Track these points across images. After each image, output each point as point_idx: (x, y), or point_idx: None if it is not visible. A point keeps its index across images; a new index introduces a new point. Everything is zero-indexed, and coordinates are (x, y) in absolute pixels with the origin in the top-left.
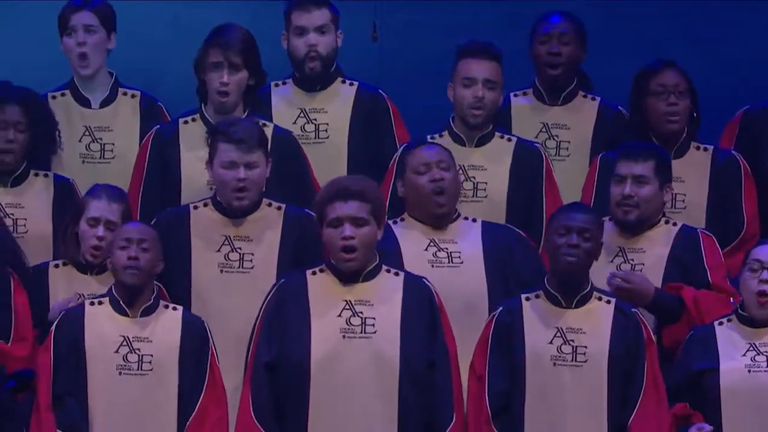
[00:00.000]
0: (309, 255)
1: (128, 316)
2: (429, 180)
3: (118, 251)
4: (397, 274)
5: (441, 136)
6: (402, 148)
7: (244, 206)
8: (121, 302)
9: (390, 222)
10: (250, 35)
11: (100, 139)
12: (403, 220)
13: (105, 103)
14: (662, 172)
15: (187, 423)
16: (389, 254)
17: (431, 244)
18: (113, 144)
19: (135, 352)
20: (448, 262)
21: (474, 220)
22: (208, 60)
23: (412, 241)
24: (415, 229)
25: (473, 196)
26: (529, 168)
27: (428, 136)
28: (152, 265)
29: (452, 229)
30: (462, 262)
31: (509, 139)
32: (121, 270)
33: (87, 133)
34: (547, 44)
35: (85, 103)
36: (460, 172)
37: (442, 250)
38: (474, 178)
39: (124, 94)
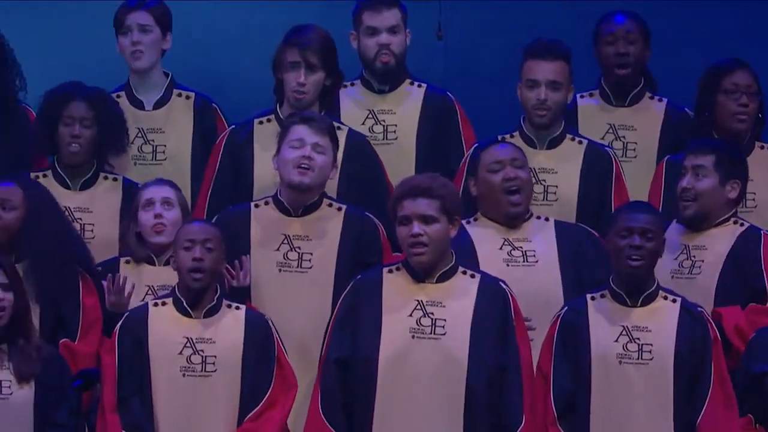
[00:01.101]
0: (367, 256)
1: (191, 317)
2: (503, 178)
3: (182, 252)
4: (473, 276)
5: (512, 136)
6: (474, 146)
7: (305, 183)
8: (184, 303)
9: (463, 222)
10: (329, 36)
11: (153, 140)
12: (476, 219)
13: (158, 105)
14: (724, 166)
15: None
16: (464, 254)
17: (505, 243)
18: (165, 145)
19: (198, 354)
20: (524, 261)
21: (546, 219)
22: (286, 59)
23: (487, 240)
24: (489, 228)
25: (543, 199)
26: (599, 171)
27: (499, 136)
28: (216, 264)
29: (525, 228)
30: (537, 261)
31: (580, 142)
32: (186, 273)
33: (139, 134)
34: (614, 45)
35: (139, 104)
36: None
37: (517, 249)
38: (544, 181)
39: (179, 95)
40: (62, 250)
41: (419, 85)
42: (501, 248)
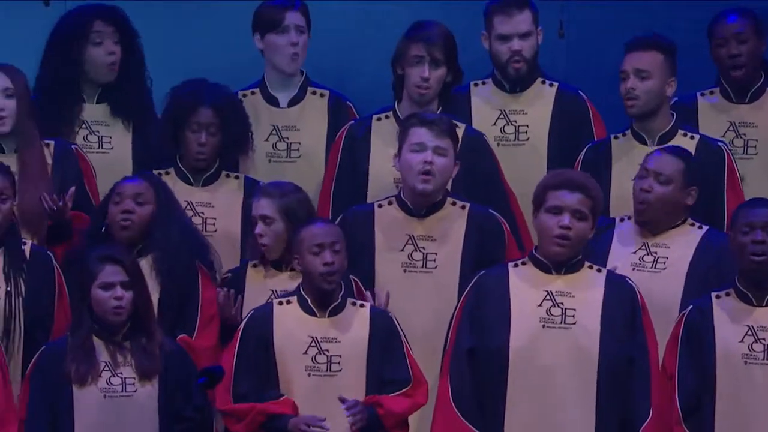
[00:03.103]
0: (492, 254)
1: (316, 316)
2: (639, 189)
3: (310, 256)
4: (599, 270)
5: (624, 135)
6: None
7: (428, 190)
8: (309, 302)
9: (617, 218)
10: (450, 32)
11: (287, 138)
12: (629, 218)
13: (293, 102)
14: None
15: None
16: (597, 252)
17: (642, 247)
18: (299, 143)
19: (323, 353)
20: (651, 267)
21: (700, 227)
22: (410, 54)
23: (626, 242)
24: (634, 229)
25: None
26: (711, 166)
27: (612, 136)
28: (344, 265)
29: (670, 234)
30: (665, 268)
31: (692, 137)
32: (318, 277)
33: (274, 132)
34: (726, 47)
35: (274, 102)
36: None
37: (651, 254)
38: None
39: (313, 93)
40: (187, 245)
41: (551, 84)
42: (635, 252)
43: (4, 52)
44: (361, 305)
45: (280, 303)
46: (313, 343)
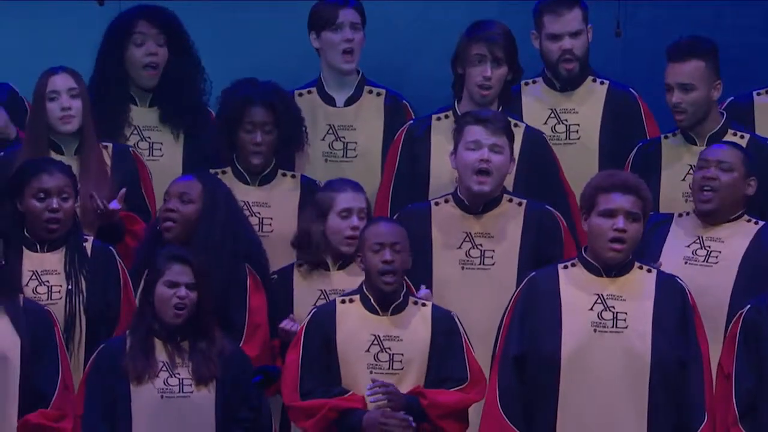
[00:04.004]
0: (550, 250)
1: (379, 314)
2: (703, 177)
3: (370, 254)
4: (649, 271)
5: (674, 135)
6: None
7: (485, 191)
8: (372, 301)
9: (676, 214)
10: (511, 32)
11: (343, 137)
12: (688, 214)
13: (350, 102)
14: None
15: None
16: (652, 247)
17: (696, 241)
18: (356, 142)
19: (386, 351)
20: (703, 261)
21: (756, 223)
22: (471, 53)
23: (681, 236)
24: (690, 224)
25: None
26: (762, 164)
27: (663, 136)
28: (405, 264)
29: (725, 227)
30: (717, 263)
31: (742, 136)
32: (377, 276)
33: (330, 131)
34: None
35: (330, 101)
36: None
37: (704, 248)
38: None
39: (370, 92)
40: (232, 247)
41: (601, 82)
42: (689, 246)
43: (60, 53)
44: (423, 304)
45: (343, 301)
46: (376, 342)
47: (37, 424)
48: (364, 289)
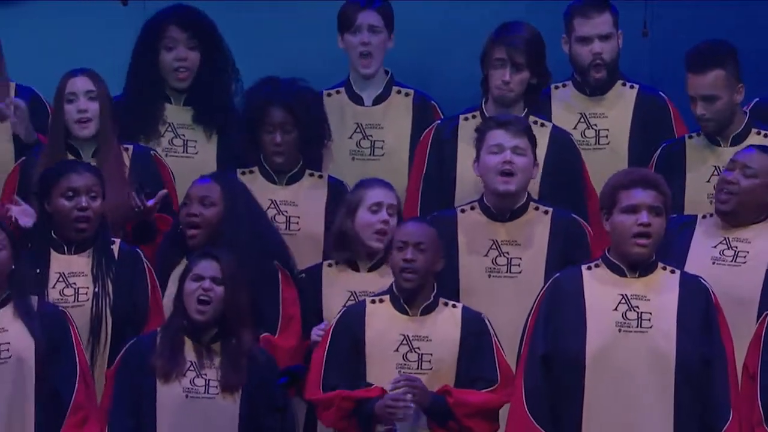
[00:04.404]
0: (575, 259)
1: (408, 314)
2: (724, 180)
3: (395, 252)
4: (673, 271)
5: (698, 135)
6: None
7: (510, 191)
8: (401, 300)
9: (699, 216)
10: (538, 34)
11: (371, 136)
12: (711, 215)
13: (378, 101)
14: None
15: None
16: (677, 249)
17: (722, 241)
18: (383, 141)
19: (415, 351)
20: (731, 262)
21: None
22: (493, 56)
23: (707, 237)
24: (715, 224)
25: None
26: None
27: (687, 136)
28: (430, 265)
29: (752, 229)
30: (745, 263)
31: (765, 135)
32: (398, 273)
33: (358, 130)
34: None
35: (358, 100)
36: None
37: (731, 248)
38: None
39: (398, 92)
40: (259, 245)
41: (631, 87)
42: (715, 246)
43: (83, 53)
44: (453, 305)
45: (373, 301)
46: (405, 341)
47: None
48: (394, 290)
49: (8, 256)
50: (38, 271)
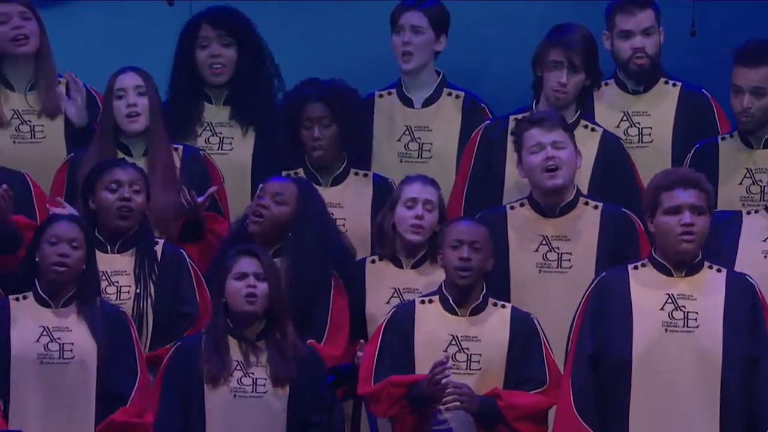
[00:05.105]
0: (626, 253)
1: (458, 315)
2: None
3: (449, 251)
4: (719, 270)
5: (731, 136)
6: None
7: (558, 185)
8: (450, 301)
9: (744, 211)
10: (592, 36)
11: (419, 138)
12: (757, 212)
13: (427, 103)
14: None
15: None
16: (725, 246)
17: None
18: (431, 144)
19: (464, 352)
20: None
21: None
22: (549, 58)
23: (756, 232)
24: (763, 219)
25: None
26: None
27: (720, 137)
28: (483, 264)
29: None
30: None
31: None
32: (453, 272)
33: (407, 132)
34: None
35: (408, 102)
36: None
37: None
38: (761, 181)
39: (449, 94)
40: (322, 252)
41: (674, 84)
42: (766, 240)
43: (130, 53)
44: (503, 306)
45: (422, 302)
46: (454, 342)
47: (122, 422)
48: (444, 290)
49: (81, 257)
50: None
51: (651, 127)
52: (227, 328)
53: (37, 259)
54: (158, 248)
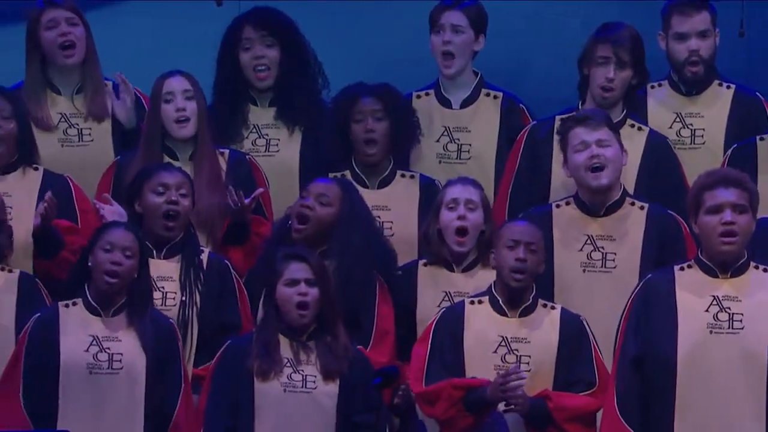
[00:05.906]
0: (671, 254)
1: (507, 316)
2: None
3: (505, 250)
4: (765, 270)
5: None
6: None
7: (603, 185)
8: (500, 302)
9: None
10: (639, 35)
11: (458, 139)
12: None
13: (465, 104)
14: None
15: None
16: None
17: None
18: (470, 145)
19: (513, 353)
20: None
21: None
22: (596, 54)
23: None
24: None
25: None
26: None
27: (758, 138)
28: (536, 266)
29: None
30: None
31: None
32: (507, 273)
33: (445, 133)
34: None
35: (446, 103)
36: None
37: None
38: None
39: (487, 95)
40: (366, 255)
41: (728, 86)
42: None
43: (179, 53)
44: (552, 307)
45: (472, 302)
46: (503, 343)
47: None
48: (494, 291)
49: (134, 266)
50: None
51: (704, 129)
52: (278, 328)
53: (90, 264)
54: (204, 257)
